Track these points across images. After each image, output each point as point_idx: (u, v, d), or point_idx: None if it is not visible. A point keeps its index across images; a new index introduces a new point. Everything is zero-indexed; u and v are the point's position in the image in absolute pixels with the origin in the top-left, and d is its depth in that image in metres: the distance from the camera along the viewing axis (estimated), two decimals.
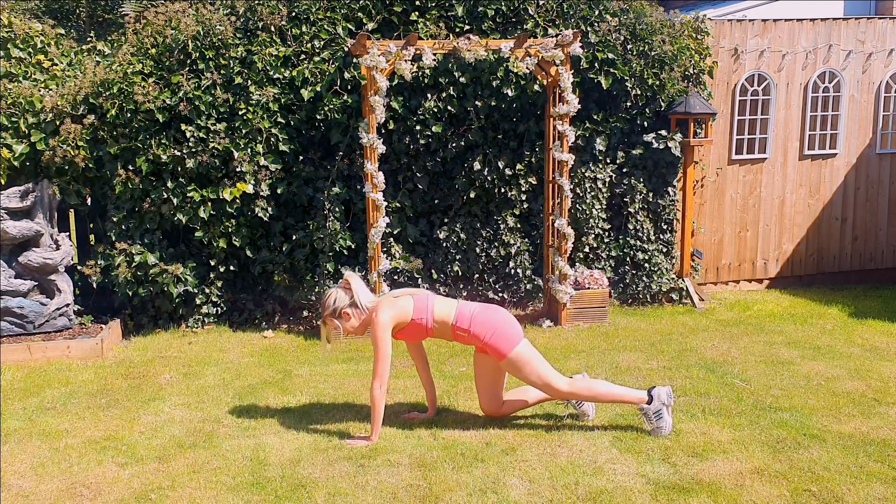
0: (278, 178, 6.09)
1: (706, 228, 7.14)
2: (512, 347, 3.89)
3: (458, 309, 3.96)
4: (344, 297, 3.97)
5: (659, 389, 3.95)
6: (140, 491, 3.49)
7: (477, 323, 3.91)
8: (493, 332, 3.89)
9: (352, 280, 4.00)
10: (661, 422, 3.92)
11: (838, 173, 7.41)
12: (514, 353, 3.89)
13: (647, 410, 3.93)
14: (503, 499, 3.34)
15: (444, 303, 3.99)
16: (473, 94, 6.25)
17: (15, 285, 5.60)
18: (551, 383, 3.92)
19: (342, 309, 3.95)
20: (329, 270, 6.14)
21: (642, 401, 3.94)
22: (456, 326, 3.92)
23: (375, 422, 3.90)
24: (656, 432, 3.92)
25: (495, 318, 3.94)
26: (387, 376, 3.86)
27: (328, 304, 3.98)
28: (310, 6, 6.09)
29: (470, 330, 3.90)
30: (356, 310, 3.96)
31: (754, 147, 7.17)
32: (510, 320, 3.98)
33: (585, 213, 6.51)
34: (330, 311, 3.97)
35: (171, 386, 4.90)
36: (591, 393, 3.97)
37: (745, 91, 7.04)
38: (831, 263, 7.56)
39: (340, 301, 3.96)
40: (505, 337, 3.90)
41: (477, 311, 3.95)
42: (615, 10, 6.48)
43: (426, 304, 3.94)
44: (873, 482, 3.44)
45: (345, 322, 3.97)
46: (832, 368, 5.00)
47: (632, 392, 4.00)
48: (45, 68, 6.23)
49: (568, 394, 3.95)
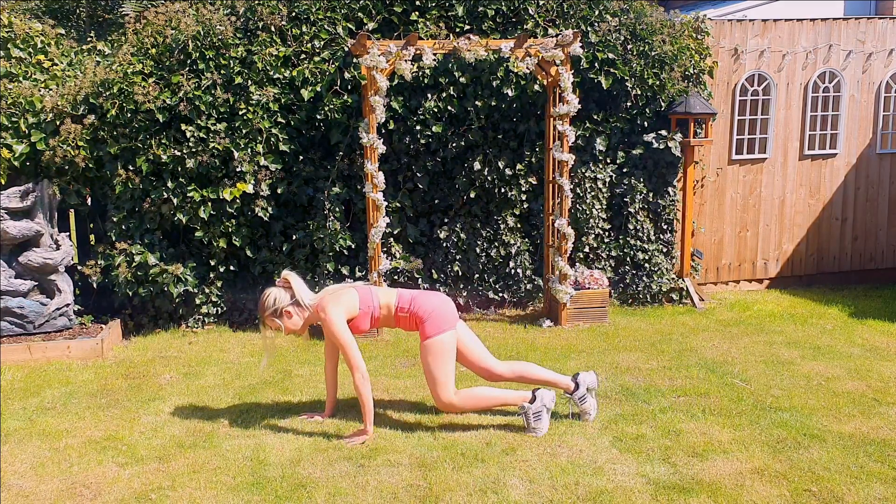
0: (278, 178, 6.09)
1: (706, 228, 7.14)
2: (438, 333, 3.93)
3: (399, 293, 4.08)
4: (284, 295, 3.97)
5: (543, 392, 4.00)
6: (140, 491, 3.49)
7: (417, 303, 4.00)
8: (431, 310, 3.96)
9: (291, 278, 4.01)
10: (539, 423, 3.96)
11: (838, 173, 7.41)
12: (437, 338, 3.93)
13: (527, 409, 3.98)
14: (503, 499, 3.34)
15: (385, 291, 4.11)
16: (473, 94, 6.25)
17: (15, 285, 5.60)
18: (439, 386, 3.94)
19: (284, 308, 3.96)
20: (329, 270, 6.14)
21: (525, 399, 4.01)
22: (398, 307, 4.01)
23: (367, 413, 3.92)
24: (531, 433, 3.96)
25: (435, 301, 4.03)
26: (363, 365, 3.89)
27: (268, 304, 3.96)
28: (310, 6, 6.09)
29: (410, 309, 3.98)
30: (298, 308, 3.97)
31: (754, 147, 7.17)
32: (449, 308, 4.04)
33: (585, 213, 6.51)
34: (271, 311, 3.97)
35: (171, 386, 4.90)
36: (474, 402, 4.02)
37: (746, 91, 7.04)
38: (831, 263, 7.56)
39: (281, 300, 3.96)
40: (439, 319, 3.95)
41: (417, 293, 4.06)
42: (615, 10, 6.48)
43: (370, 293, 4.02)
44: (873, 482, 3.44)
45: (286, 321, 3.97)
46: (832, 368, 5.00)
47: (514, 393, 4.06)
48: (45, 68, 6.23)
49: (448, 404, 3.98)
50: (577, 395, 4.12)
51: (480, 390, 4.08)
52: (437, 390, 3.95)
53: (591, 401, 4.14)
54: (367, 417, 3.93)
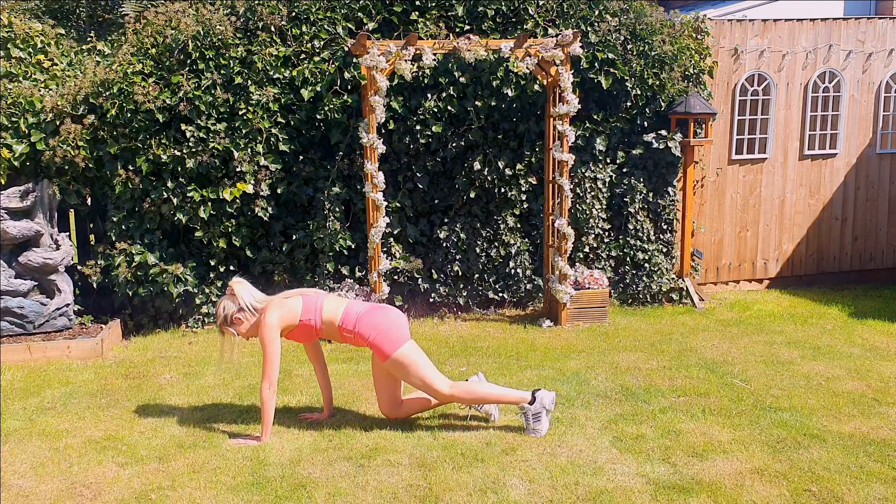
0: (278, 178, 6.09)
1: (706, 228, 7.14)
2: (395, 348, 3.89)
3: (346, 309, 3.98)
4: (231, 303, 3.98)
5: (543, 393, 3.98)
6: (140, 491, 3.49)
7: (362, 323, 3.92)
8: (377, 332, 3.90)
9: (235, 286, 4.01)
10: (539, 424, 3.95)
11: (838, 173, 7.41)
12: (397, 354, 3.89)
13: (527, 410, 3.96)
14: (503, 499, 3.34)
15: (332, 303, 4.01)
16: (473, 94, 6.25)
17: (15, 285, 5.60)
18: (433, 385, 3.93)
19: (232, 315, 3.97)
20: (329, 270, 6.14)
21: (524, 400, 3.98)
22: (342, 328, 3.95)
23: (266, 422, 3.93)
24: (531, 433, 3.95)
25: (381, 318, 3.95)
26: (276, 377, 3.89)
27: (218, 314, 4.00)
28: (310, 6, 6.09)
29: (355, 330, 3.92)
30: (245, 313, 3.98)
31: (754, 147, 7.17)
32: (397, 321, 3.98)
33: (585, 213, 6.51)
34: (221, 320, 4.00)
35: (171, 386, 4.90)
36: (472, 395, 3.99)
37: (745, 91, 7.04)
38: (831, 263, 7.56)
39: (229, 308, 3.98)
40: (389, 338, 3.90)
41: (363, 312, 3.96)
42: (615, 10, 6.48)
43: (315, 304, 3.97)
44: (873, 482, 3.44)
45: (238, 327, 4.00)
46: (832, 368, 5.00)
47: (514, 392, 4.02)
48: (45, 68, 6.23)
49: (449, 396, 3.96)
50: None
51: (479, 385, 4.05)
52: (431, 389, 3.94)
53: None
54: (266, 427, 3.93)
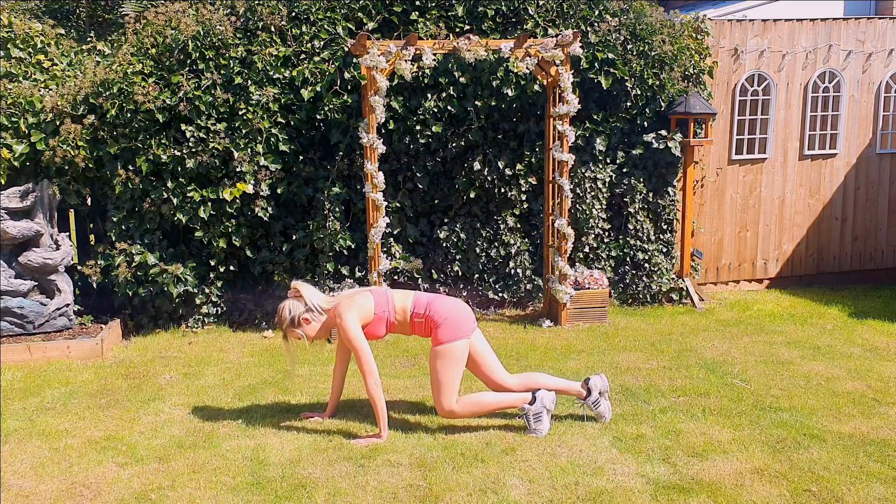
0: (278, 178, 6.08)
1: (706, 228, 7.14)
2: (453, 339, 3.90)
3: (415, 298, 4.04)
4: (298, 305, 3.98)
5: (543, 393, 3.99)
6: (140, 491, 3.49)
7: (434, 308, 3.96)
8: (447, 316, 3.93)
9: (300, 287, 4.02)
10: (539, 424, 3.95)
11: (838, 173, 7.41)
12: (449, 346, 3.90)
13: (527, 411, 3.97)
14: (503, 499, 3.34)
15: (401, 294, 4.07)
16: (473, 94, 6.25)
17: (15, 285, 5.60)
18: (443, 392, 3.92)
19: (300, 316, 3.97)
20: (329, 270, 6.14)
21: (525, 401, 3.99)
22: (414, 313, 3.98)
23: (381, 418, 3.92)
24: (532, 433, 3.95)
25: (454, 306, 4.00)
26: (376, 370, 3.88)
27: (284, 317, 3.98)
28: (310, 6, 6.09)
29: (426, 314, 3.96)
30: (313, 314, 3.98)
31: (754, 147, 7.17)
32: (467, 315, 4.01)
33: (585, 213, 6.51)
34: (288, 322, 3.98)
35: (171, 386, 4.90)
36: (474, 409, 4.00)
37: (745, 91, 7.04)
38: (831, 263, 7.56)
39: (295, 310, 3.97)
40: (454, 326, 3.92)
41: (434, 298, 4.03)
42: (615, 10, 6.48)
43: (386, 298, 4.00)
44: (873, 482, 3.44)
45: (306, 328, 3.99)
46: (832, 368, 5.00)
47: (513, 396, 4.03)
48: (45, 68, 6.23)
49: (448, 412, 3.97)
50: (590, 401, 4.10)
51: (479, 396, 4.04)
52: (441, 396, 3.93)
53: (605, 403, 4.12)
54: (382, 423, 3.92)
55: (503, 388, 4.13)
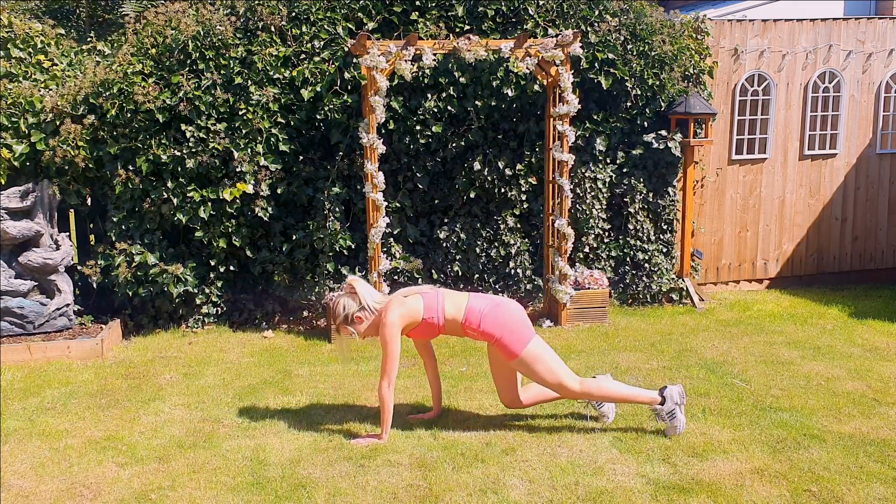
0: (278, 178, 6.08)
1: (706, 228, 7.14)
2: (523, 346, 3.85)
3: (468, 306, 3.91)
4: (351, 302, 3.95)
5: (671, 389, 3.94)
6: (140, 491, 3.49)
7: (487, 322, 3.87)
8: (504, 330, 3.86)
9: (356, 284, 3.99)
10: (675, 421, 3.91)
11: (838, 173, 7.41)
12: (525, 353, 3.85)
13: (659, 411, 3.93)
14: (503, 499, 3.34)
15: (454, 300, 3.95)
16: (473, 94, 6.25)
17: (15, 285, 5.60)
18: (563, 383, 3.87)
19: (353, 314, 3.94)
20: (329, 270, 6.14)
21: (655, 401, 3.94)
22: (466, 325, 3.90)
23: (385, 421, 3.91)
24: (670, 432, 3.92)
25: (507, 316, 3.90)
26: (394, 375, 3.87)
27: (338, 313, 3.96)
28: (310, 6, 6.09)
29: (480, 329, 3.87)
30: (365, 312, 3.95)
31: (754, 147, 7.17)
32: (522, 318, 3.93)
33: (585, 213, 6.51)
34: (342, 319, 3.96)
35: (171, 386, 4.90)
36: (603, 393, 3.93)
37: (745, 91, 7.04)
38: (831, 263, 7.56)
39: (350, 307, 3.95)
40: (516, 336, 3.86)
41: (487, 310, 3.89)
42: (615, 10, 6.48)
43: (436, 302, 3.92)
44: (873, 482, 3.44)
45: (357, 326, 3.96)
46: (832, 368, 5.00)
47: (644, 392, 3.98)
48: (45, 68, 6.23)
49: (581, 393, 3.91)
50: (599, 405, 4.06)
51: (610, 383, 3.97)
52: (559, 388, 3.89)
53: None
54: (385, 426, 3.92)
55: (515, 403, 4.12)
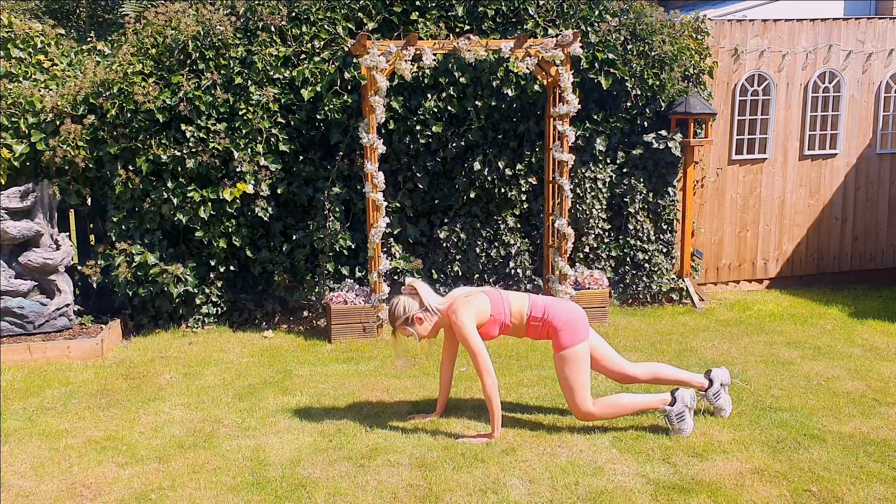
0: (278, 178, 6.09)
1: (706, 228, 7.14)
2: (575, 343, 3.90)
3: (532, 300, 4.03)
4: (413, 303, 3.97)
5: (682, 392, 3.97)
6: (140, 491, 3.49)
7: (551, 311, 3.96)
8: (566, 320, 3.94)
9: (417, 286, 4.01)
10: (683, 424, 3.92)
11: (838, 173, 7.41)
12: (573, 349, 3.90)
13: (669, 412, 3.95)
14: (503, 499, 3.34)
15: (517, 297, 4.05)
16: (473, 94, 6.25)
17: (15, 285, 5.60)
18: (576, 396, 3.92)
19: (414, 315, 3.95)
20: (329, 270, 6.14)
21: (665, 403, 3.97)
22: (531, 316, 3.97)
23: (495, 418, 3.91)
24: (676, 433, 3.93)
25: (571, 309, 4.01)
26: (492, 370, 3.87)
27: (399, 314, 3.97)
28: (310, 6, 6.09)
29: (544, 317, 3.95)
30: (427, 313, 3.97)
31: (754, 147, 7.17)
32: (584, 318, 4.01)
33: (585, 213, 6.51)
34: (403, 320, 3.96)
35: (171, 386, 4.90)
36: (613, 411, 3.99)
37: (745, 91, 7.04)
38: (831, 263, 7.56)
39: (411, 307, 3.96)
40: (574, 329, 3.93)
41: (550, 302, 4.02)
42: (615, 10, 6.48)
43: (502, 299, 3.99)
44: (873, 482, 3.44)
45: (418, 326, 3.97)
46: (832, 368, 5.00)
47: (654, 397, 4.01)
48: (45, 68, 6.23)
49: (587, 415, 3.96)
50: (710, 392, 4.12)
51: (618, 398, 4.02)
52: (575, 400, 3.92)
53: (725, 396, 4.13)
54: (496, 422, 3.91)
55: (629, 377, 4.13)
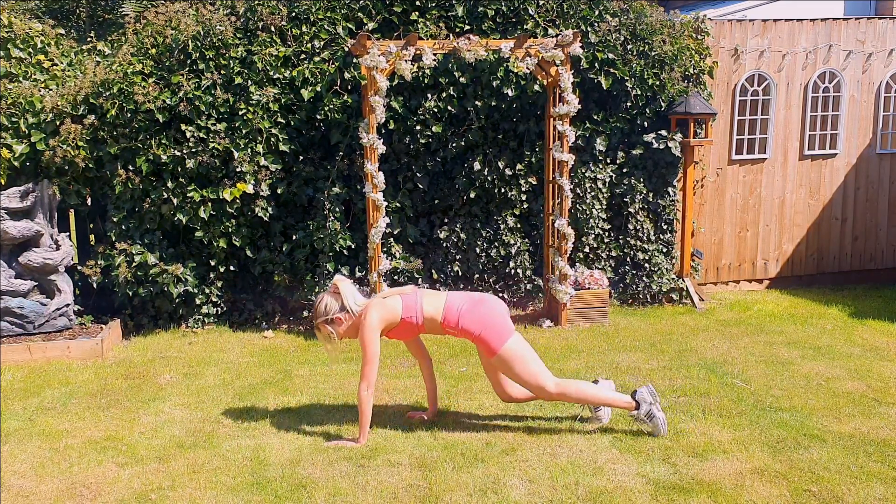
0: (278, 178, 6.09)
1: (706, 228, 7.14)
2: (502, 343, 3.85)
3: (447, 305, 3.91)
4: (334, 302, 3.96)
5: (641, 391, 3.95)
6: (140, 491, 3.49)
7: (466, 319, 3.87)
8: (482, 327, 3.85)
9: (341, 284, 3.99)
10: (655, 420, 3.91)
11: (838, 173, 7.41)
12: (503, 350, 3.84)
13: (637, 415, 3.94)
14: (503, 499, 3.34)
15: (432, 299, 3.95)
16: (473, 94, 6.25)
17: (15, 285, 5.60)
18: (540, 383, 3.87)
19: (334, 315, 3.95)
20: (329, 270, 6.14)
21: (631, 406, 3.93)
22: (444, 324, 3.90)
23: (363, 424, 3.90)
24: (656, 432, 3.92)
25: (485, 312, 3.89)
26: (374, 378, 3.85)
27: (320, 311, 3.97)
28: (310, 6, 6.09)
29: (459, 327, 3.87)
30: (346, 314, 3.96)
31: (754, 147, 7.17)
32: (501, 314, 3.92)
33: (585, 213, 6.51)
34: (322, 319, 3.97)
35: (171, 386, 4.90)
36: (580, 395, 3.92)
37: (745, 91, 7.04)
38: (831, 263, 7.56)
39: (331, 307, 3.95)
40: (495, 332, 3.85)
41: (465, 308, 3.89)
42: (615, 10, 6.48)
43: (415, 302, 3.93)
44: (873, 482, 3.44)
45: (337, 327, 3.97)
46: (832, 368, 5.00)
47: (622, 398, 3.98)
48: (45, 68, 6.23)
49: (557, 395, 3.90)
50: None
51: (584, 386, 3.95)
52: (536, 390, 3.88)
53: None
54: (363, 429, 3.90)
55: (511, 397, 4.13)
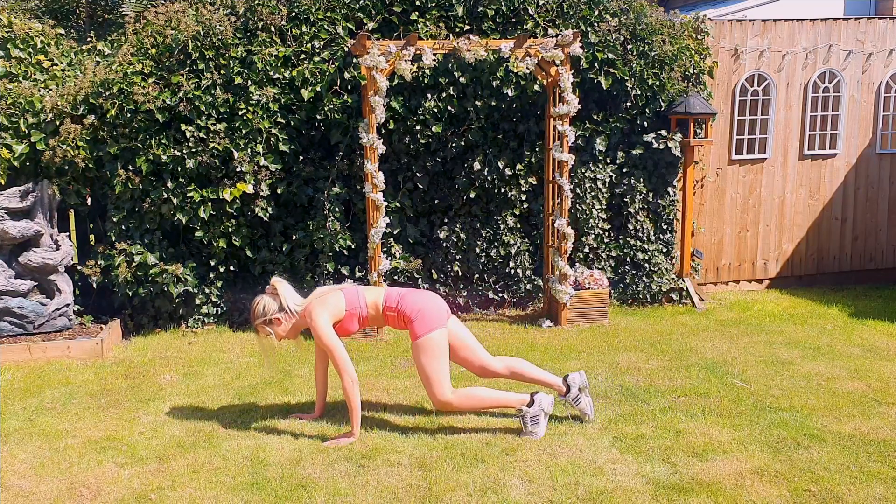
0: (278, 178, 6.09)
1: (706, 228, 7.14)
2: (427, 331, 3.90)
3: (387, 293, 4.08)
4: (272, 303, 3.99)
5: (542, 396, 3.98)
6: (140, 491, 3.49)
7: (405, 301, 3.99)
8: (418, 310, 3.95)
9: (278, 285, 4.03)
10: (536, 427, 3.93)
11: (838, 173, 7.41)
12: (426, 338, 3.90)
13: (525, 413, 3.95)
14: (503, 499, 3.34)
15: (372, 290, 4.11)
16: (473, 94, 6.25)
17: (15, 285, 5.60)
18: (433, 384, 3.91)
19: (273, 316, 3.98)
20: (329, 270, 6.14)
21: (523, 403, 3.98)
22: (386, 307, 4.02)
23: (354, 416, 3.93)
24: (528, 436, 3.93)
25: (425, 299, 4.02)
26: (351, 367, 3.89)
27: (258, 312, 4.00)
28: (310, 6, 6.09)
29: (398, 308, 3.98)
30: (285, 314, 3.99)
31: (754, 147, 7.17)
32: (439, 306, 4.02)
33: (585, 213, 6.51)
34: (261, 320, 4.00)
35: (171, 386, 4.90)
36: (471, 403, 3.99)
37: (745, 91, 7.04)
38: (831, 264, 7.56)
39: (270, 308, 3.99)
40: (427, 318, 3.92)
41: (406, 292, 4.06)
42: (615, 11, 6.48)
43: (356, 294, 4.03)
44: (873, 482, 3.44)
45: (276, 328, 4.01)
46: (832, 368, 5.00)
47: (513, 396, 4.03)
48: (45, 68, 6.22)
49: (444, 404, 3.94)
50: (570, 397, 4.10)
51: (478, 390, 4.05)
52: (433, 389, 3.93)
53: (586, 399, 4.11)
54: (355, 421, 3.93)
55: (487, 371, 4.13)
